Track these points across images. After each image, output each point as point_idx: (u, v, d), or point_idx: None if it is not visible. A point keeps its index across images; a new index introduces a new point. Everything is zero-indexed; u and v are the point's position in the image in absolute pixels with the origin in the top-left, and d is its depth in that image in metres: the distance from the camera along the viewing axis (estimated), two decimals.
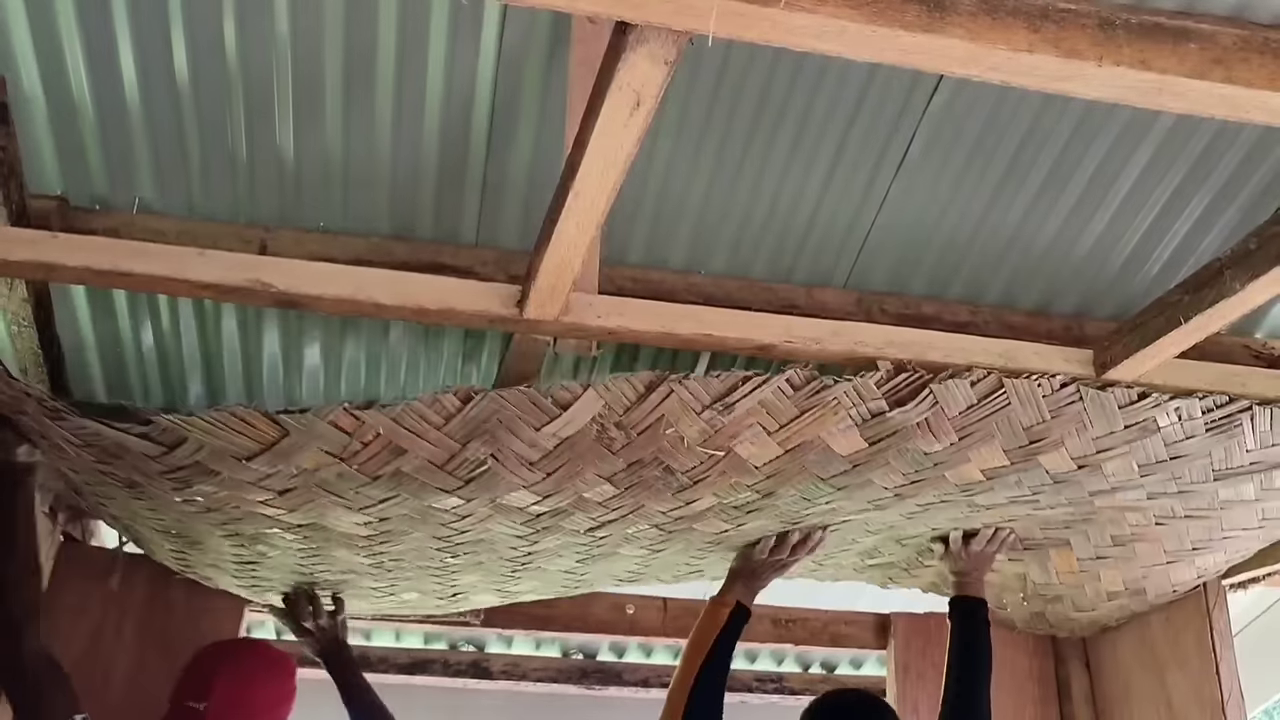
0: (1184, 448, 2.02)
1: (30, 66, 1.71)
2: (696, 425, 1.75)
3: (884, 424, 1.81)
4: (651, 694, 3.77)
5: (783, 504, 2.06)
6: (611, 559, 2.37)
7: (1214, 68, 1.13)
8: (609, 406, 1.69)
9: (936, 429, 1.84)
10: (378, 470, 1.76)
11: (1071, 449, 1.97)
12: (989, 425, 1.85)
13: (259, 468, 1.72)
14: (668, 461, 1.85)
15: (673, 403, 1.69)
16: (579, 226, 1.41)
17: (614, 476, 1.88)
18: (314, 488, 1.82)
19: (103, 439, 1.72)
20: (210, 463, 1.73)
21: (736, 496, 2.00)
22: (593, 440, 1.76)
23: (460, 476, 1.82)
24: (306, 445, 1.67)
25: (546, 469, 1.83)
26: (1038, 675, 3.06)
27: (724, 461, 1.86)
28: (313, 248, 1.91)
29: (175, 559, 2.46)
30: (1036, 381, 1.75)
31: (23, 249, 1.57)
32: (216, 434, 1.64)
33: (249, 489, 1.82)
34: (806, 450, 1.85)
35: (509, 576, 2.49)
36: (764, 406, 1.73)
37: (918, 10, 1.04)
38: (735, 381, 1.68)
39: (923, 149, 1.90)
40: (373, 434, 1.67)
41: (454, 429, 1.69)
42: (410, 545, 2.22)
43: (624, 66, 1.10)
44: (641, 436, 1.76)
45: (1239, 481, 2.18)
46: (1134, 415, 1.87)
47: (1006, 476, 2.08)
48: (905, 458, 1.91)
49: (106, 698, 2.49)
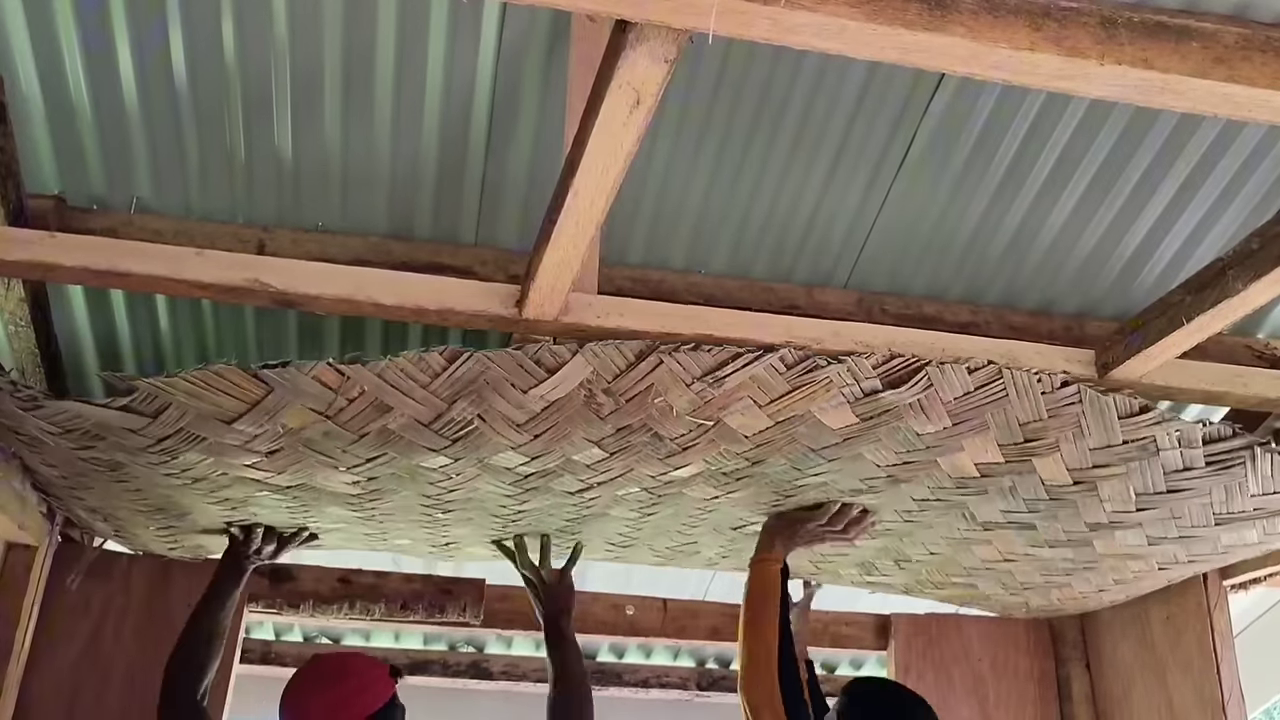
0: (1184, 481, 1.98)
1: (28, 66, 1.71)
2: (686, 396, 1.74)
3: (877, 403, 1.79)
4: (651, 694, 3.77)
5: (773, 472, 2.05)
6: (602, 520, 2.38)
7: (1216, 67, 1.12)
8: (597, 372, 1.68)
9: (930, 411, 1.82)
10: (364, 427, 1.75)
11: (1068, 457, 1.93)
12: (984, 415, 1.83)
13: (244, 428, 1.71)
14: (656, 429, 1.84)
15: (662, 373, 1.69)
16: (579, 226, 1.41)
17: (602, 440, 1.88)
18: (301, 448, 1.81)
19: (84, 419, 1.71)
20: (195, 428, 1.72)
21: (726, 464, 2.00)
22: (581, 405, 1.75)
23: (447, 436, 1.81)
24: (290, 402, 1.66)
25: (534, 431, 1.82)
26: (1038, 675, 3.06)
27: (713, 430, 1.86)
28: (311, 247, 1.91)
29: (161, 537, 2.45)
30: (1037, 376, 1.73)
31: (20, 249, 1.56)
32: (200, 395, 1.63)
33: (235, 452, 1.81)
34: (797, 423, 1.85)
35: (500, 533, 2.49)
36: (755, 381, 1.72)
37: (919, 8, 1.03)
38: (726, 357, 1.67)
39: (924, 149, 1.89)
40: (357, 390, 1.65)
41: (440, 388, 1.68)
42: (399, 503, 2.22)
43: (624, 65, 1.10)
44: (630, 404, 1.76)
45: (1242, 527, 2.15)
46: (1133, 430, 1.83)
47: (1000, 478, 2.05)
48: (897, 436, 1.90)
49: (106, 698, 2.49)
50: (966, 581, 2.73)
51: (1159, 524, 2.17)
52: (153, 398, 1.64)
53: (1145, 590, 2.72)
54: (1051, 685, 3.06)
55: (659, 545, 2.62)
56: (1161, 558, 2.32)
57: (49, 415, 1.73)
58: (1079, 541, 2.33)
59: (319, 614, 2.81)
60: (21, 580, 2.38)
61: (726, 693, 3.84)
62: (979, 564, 2.54)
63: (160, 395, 1.63)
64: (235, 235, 1.91)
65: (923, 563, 2.60)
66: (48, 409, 1.71)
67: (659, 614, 3.10)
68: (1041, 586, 2.69)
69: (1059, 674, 3.07)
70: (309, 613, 2.80)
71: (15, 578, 2.38)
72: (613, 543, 2.60)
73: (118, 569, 2.59)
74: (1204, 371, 1.86)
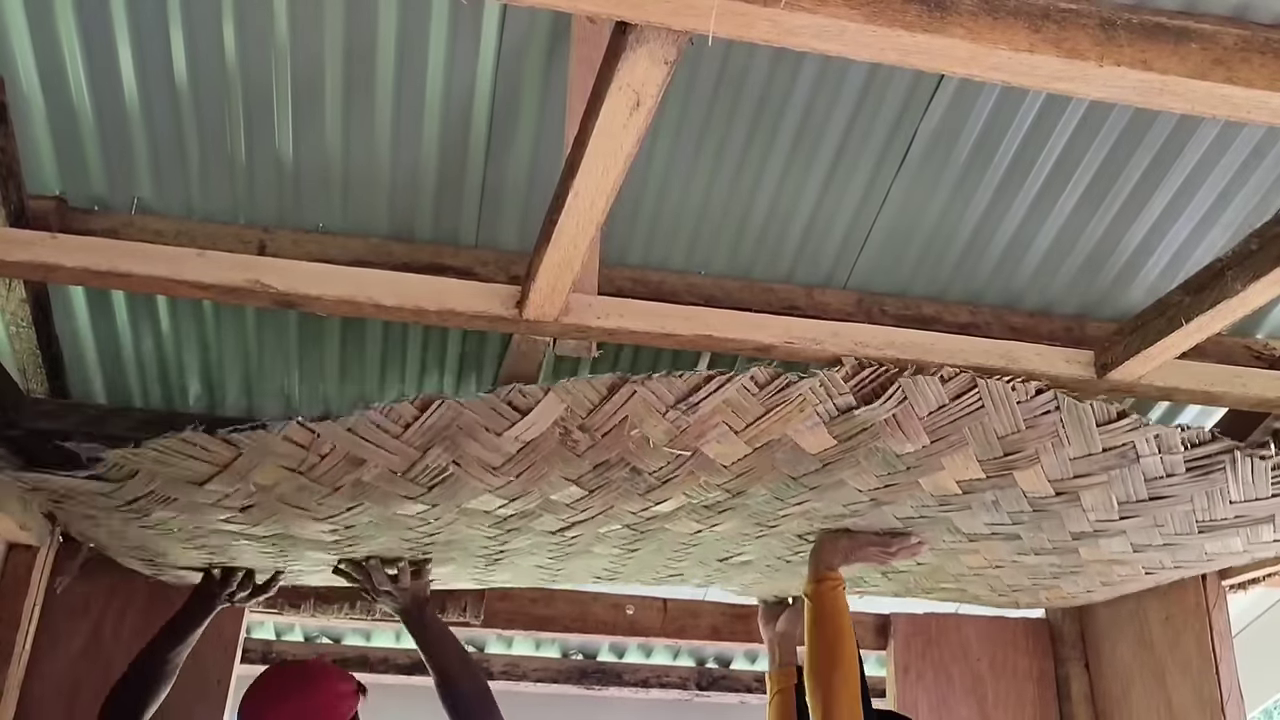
0: (1165, 488, 1.96)
1: (29, 67, 1.71)
2: (661, 425, 1.72)
3: (852, 421, 1.77)
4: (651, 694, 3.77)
5: (754, 503, 2.03)
6: (586, 557, 2.37)
7: (1215, 68, 1.12)
8: (571, 410, 1.66)
9: (907, 428, 1.78)
10: (338, 481, 1.74)
11: (1048, 468, 1.91)
12: (961, 430, 1.80)
13: (217, 488, 1.70)
14: (634, 463, 1.83)
15: (636, 404, 1.66)
16: (579, 226, 1.41)
17: (580, 478, 1.86)
18: (275, 501, 1.80)
19: (49, 485, 1.69)
20: (165, 490, 1.71)
21: (706, 496, 1.98)
22: (556, 443, 1.73)
23: (422, 483, 1.80)
24: (262, 462, 1.65)
25: (511, 473, 1.81)
26: (1038, 675, 3.07)
27: (691, 461, 1.84)
28: (311, 248, 1.91)
29: (144, 566, 2.47)
30: (1011, 385, 1.70)
31: (21, 250, 1.56)
32: (168, 461, 1.61)
33: (208, 510, 1.80)
34: (775, 448, 1.82)
35: (483, 570, 2.48)
36: (729, 405, 1.69)
37: (918, 10, 1.04)
38: (698, 381, 1.64)
39: (923, 149, 1.89)
40: (329, 446, 1.64)
41: (412, 437, 1.66)
42: (379, 547, 2.21)
43: (624, 66, 1.10)
44: (606, 438, 1.74)
45: (1225, 535, 2.15)
46: (1112, 437, 1.81)
47: (983, 493, 2.02)
48: (876, 458, 1.87)
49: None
50: (956, 587, 2.73)
51: (1142, 531, 2.17)
52: (119, 466, 1.62)
53: (1135, 590, 2.72)
54: (1050, 685, 3.06)
55: (645, 577, 2.61)
56: (1147, 563, 2.33)
57: (11, 479, 1.71)
58: (1064, 549, 2.33)
59: (319, 614, 2.81)
60: (23, 581, 2.37)
61: (726, 693, 3.84)
62: (966, 571, 2.54)
63: (128, 463, 1.61)
64: (236, 236, 1.91)
65: (910, 573, 2.61)
66: (8, 475, 1.68)
67: (659, 614, 3.10)
68: (1030, 588, 2.70)
69: (1058, 674, 3.07)
70: (309, 613, 2.80)
71: (16, 579, 2.37)
72: (598, 577, 2.60)
73: (118, 569, 2.59)
74: (1203, 372, 1.86)
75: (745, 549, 2.34)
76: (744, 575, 2.60)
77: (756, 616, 2.73)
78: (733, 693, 3.84)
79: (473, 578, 2.60)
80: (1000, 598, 2.84)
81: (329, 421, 1.60)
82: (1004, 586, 2.70)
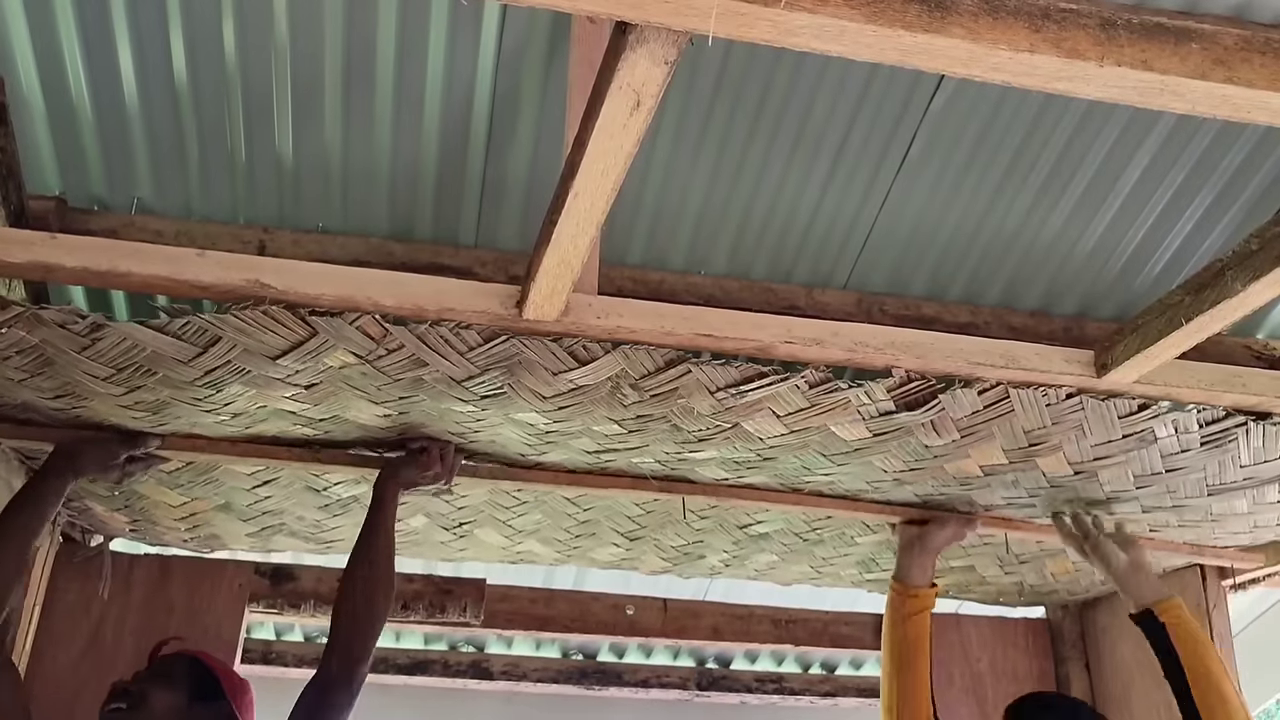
0: (1180, 460, 2.04)
1: (29, 67, 1.71)
2: (708, 401, 1.83)
3: (891, 421, 1.89)
4: (651, 694, 3.76)
5: (781, 467, 2.14)
6: (613, 501, 2.42)
7: (1215, 68, 1.12)
8: (627, 371, 1.76)
9: (940, 428, 1.91)
10: (399, 375, 1.82)
11: (1069, 454, 2.01)
12: (990, 427, 1.92)
13: (288, 364, 1.76)
14: (676, 422, 1.93)
15: (689, 380, 1.78)
16: (579, 226, 1.41)
17: (623, 421, 1.96)
18: (339, 382, 1.87)
19: (140, 348, 1.73)
20: (241, 361, 1.77)
21: (738, 454, 2.09)
22: (607, 393, 1.83)
23: (477, 393, 1.88)
24: (334, 346, 1.72)
25: (559, 404, 1.89)
26: (1038, 675, 3.06)
27: (730, 431, 1.95)
28: (311, 248, 1.91)
29: (184, 523, 2.48)
30: (1043, 392, 1.81)
31: (21, 250, 1.56)
32: (249, 332, 1.67)
33: (277, 385, 1.86)
34: (812, 433, 1.95)
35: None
36: (778, 397, 1.82)
37: (918, 10, 1.04)
38: (752, 374, 1.76)
39: (923, 149, 1.90)
40: (397, 344, 1.71)
41: (475, 357, 1.74)
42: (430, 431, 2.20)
43: (624, 66, 1.10)
44: (654, 399, 1.84)
45: (1232, 496, 2.19)
46: (1133, 425, 1.91)
47: (1004, 475, 2.12)
48: (907, 448, 2.01)
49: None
50: (965, 564, 2.74)
51: (1154, 496, 2.22)
52: (204, 331, 1.68)
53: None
54: (1050, 685, 3.05)
55: (665, 543, 2.62)
56: (1154, 523, 2.37)
57: (110, 344, 1.72)
58: None
59: (320, 614, 2.80)
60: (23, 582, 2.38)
61: (726, 693, 3.84)
62: (977, 540, 2.55)
63: (211, 329, 1.67)
64: (236, 236, 1.91)
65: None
66: (108, 337, 1.70)
67: (659, 614, 3.09)
68: (1036, 558, 2.70)
69: (1058, 674, 3.06)
70: (309, 613, 2.80)
71: None
72: (621, 532, 2.59)
73: (118, 569, 2.59)
74: (1203, 372, 1.86)
75: (765, 521, 2.44)
76: (760, 554, 2.65)
77: (758, 615, 2.74)
78: (733, 693, 3.83)
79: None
80: (1007, 576, 2.83)
81: (402, 326, 1.67)
82: (1011, 558, 2.71)
